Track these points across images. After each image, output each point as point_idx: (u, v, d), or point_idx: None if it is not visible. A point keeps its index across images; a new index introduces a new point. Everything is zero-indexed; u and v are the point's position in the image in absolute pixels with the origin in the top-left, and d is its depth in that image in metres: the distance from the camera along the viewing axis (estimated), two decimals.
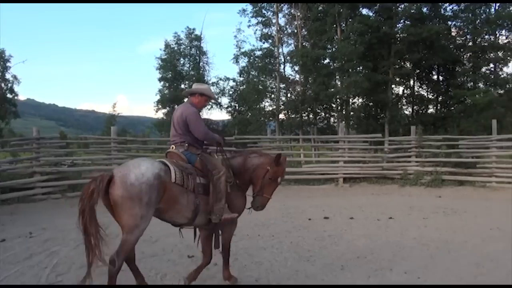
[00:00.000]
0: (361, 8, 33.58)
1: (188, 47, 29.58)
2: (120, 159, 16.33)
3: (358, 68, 32.22)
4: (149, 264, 6.89)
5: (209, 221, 5.57)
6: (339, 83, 32.37)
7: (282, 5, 34.64)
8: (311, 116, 34.15)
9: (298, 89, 33.96)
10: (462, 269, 6.70)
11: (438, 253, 7.62)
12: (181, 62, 29.44)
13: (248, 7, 34.57)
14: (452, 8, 35.39)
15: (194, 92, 5.97)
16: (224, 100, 33.03)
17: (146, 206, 4.82)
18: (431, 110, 37.07)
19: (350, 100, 33.50)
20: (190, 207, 5.30)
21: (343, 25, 33.15)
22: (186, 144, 5.65)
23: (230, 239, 5.95)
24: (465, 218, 11.03)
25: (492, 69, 33.77)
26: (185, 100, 6.25)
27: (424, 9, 33.60)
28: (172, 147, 5.77)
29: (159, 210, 5.15)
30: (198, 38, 29.40)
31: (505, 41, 33.60)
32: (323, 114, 35.46)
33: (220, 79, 30.63)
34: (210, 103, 28.16)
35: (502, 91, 32.88)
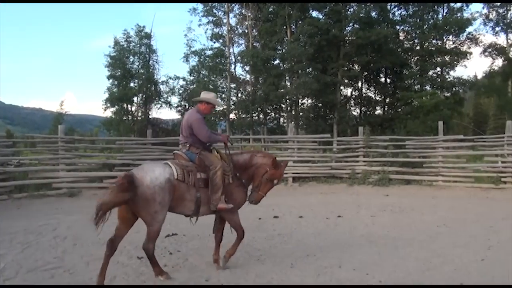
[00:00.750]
0: (311, 11, 33.86)
1: (138, 45, 28.87)
2: (67, 159, 15.93)
3: (308, 70, 32.32)
4: (98, 266, 6.63)
5: (213, 211, 6.42)
6: (288, 83, 32.47)
7: (233, 5, 34.48)
8: (261, 116, 34.09)
9: (249, 89, 33.88)
10: (409, 265, 6.74)
11: (386, 250, 7.68)
12: (131, 60, 28.76)
13: (199, 6, 34.28)
14: (401, 13, 36.25)
15: (202, 100, 6.76)
16: (174, 99, 32.66)
17: (159, 205, 5.79)
18: (378, 111, 37.69)
19: (300, 100, 33.67)
20: (193, 200, 6.20)
21: (293, 26, 33.25)
22: (188, 145, 6.51)
23: (238, 226, 6.71)
24: (412, 216, 11.21)
25: (439, 73, 34.68)
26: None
27: (373, 13, 34.16)
28: (179, 148, 6.72)
29: (170, 207, 6.04)
30: (148, 36, 28.75)
31: (452, 46, 34.57)
32: (273, 114, 35.49)
33: (170, 77, 30.00)
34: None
35: (448, 94, 33.87)
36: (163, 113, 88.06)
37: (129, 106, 28.28)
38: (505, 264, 6.75)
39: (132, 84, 27.99)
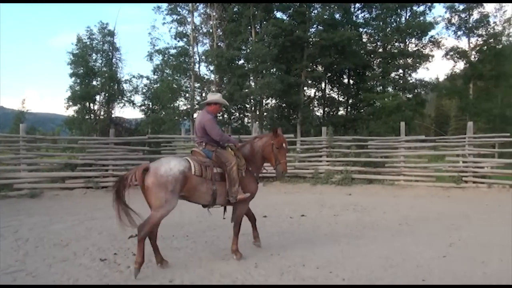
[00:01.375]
0: (275, 12, 34.00)
1: (101, 43, 28.48)
2: (29, 159, 15.61)
3: (272, 70, 32.46)
4: (60, 269, 6.58)
5: (229, 201, 7.04)
6: (253, 84, 32.50)
7: (197, 4, 34.35)
8: (225, 116, 34.05)
9: (213, 89, 33.79)
10: (372, 263, 6.80)
11: (349, 248, 7.73)
12: (94, 57, 28.34)
13: (163, 4, 34.09)
14: (364, 15, 36.88)
15: (210, 103, 7.35)
16: (137, 99, 32.33)
17: (170, 193, 6.31)
18: (341, 112, 38.16)
19: (264, 101, 33.79)
20: (209, 192, 6.81)
21: (258, 27, 33.39)
22: (204, 144, 7.15)
23: (241, 216, 7.40)
24: (374, 215, 11.32)
25: (401, 75, 35.27)
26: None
27: (337, 16, 34.53)
28: (196, 146, 7.38)
29: (185, 196, 6.69)
30: (111, 34, 28.40)
31: (414, 48, 35.22)
32: (237, 114, 35.51)
33: (133, 76, 29.62)
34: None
35: (410, 95, 34.53)
36: (126, 112, 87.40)
37: (91, 104, 27.85)
38: (466, 260, 6.90)
39: (94, 83, 27.58)
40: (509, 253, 7.32)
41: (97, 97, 27.67)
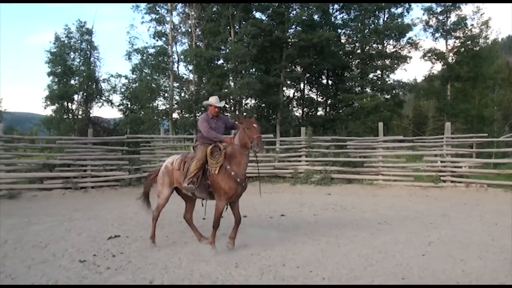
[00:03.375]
0: (254, 12, 34.00)
1: (79, 41, 28.32)
2: (7, 159, 15.38)
3: (251, 70, 32.49)
4: (40, 270, 6.49)
5: (210, 194, 7.62)
6: (232, 84, 32.48)
7: (176, 3, 34.22)
8: None
9: (192, 89, 33.70)
10: (352, 262, 6.84)
11: (329, 247, 7.75)
12: (71, 56, 28.14)
13: (142, 3, 33.91)
14: (342, 16, 37.00)
15: (208, 105, 8.14)
16: (116, 98, 32.05)
17: (161, 185, 7.96)
18: (320, 112, 38.23)
19: (243, 101, 33.78)
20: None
21: (237, 27, 33.33)
22: (195, 140, 8.17)
23: (219, 212, 7.55)
24: (353, 214, 11.38)
25: (379, 76, 35.41)
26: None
27: (315, 16, 34.58)
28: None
29: (179, 188, 7.91)
30: (89, 32, 28.23)
31: (392, 50, 35.45)
32: None
33: (112, 75, 29.50)
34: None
35: (388, 96, 34.66)
36: (104, 111, 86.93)
37: (69, 104, 27.65)
38: (445, 258, 6.96)
39: (72, 82, 27.41)
40: (487, 251, 7.43)
41: (75, 97, 27.56)
